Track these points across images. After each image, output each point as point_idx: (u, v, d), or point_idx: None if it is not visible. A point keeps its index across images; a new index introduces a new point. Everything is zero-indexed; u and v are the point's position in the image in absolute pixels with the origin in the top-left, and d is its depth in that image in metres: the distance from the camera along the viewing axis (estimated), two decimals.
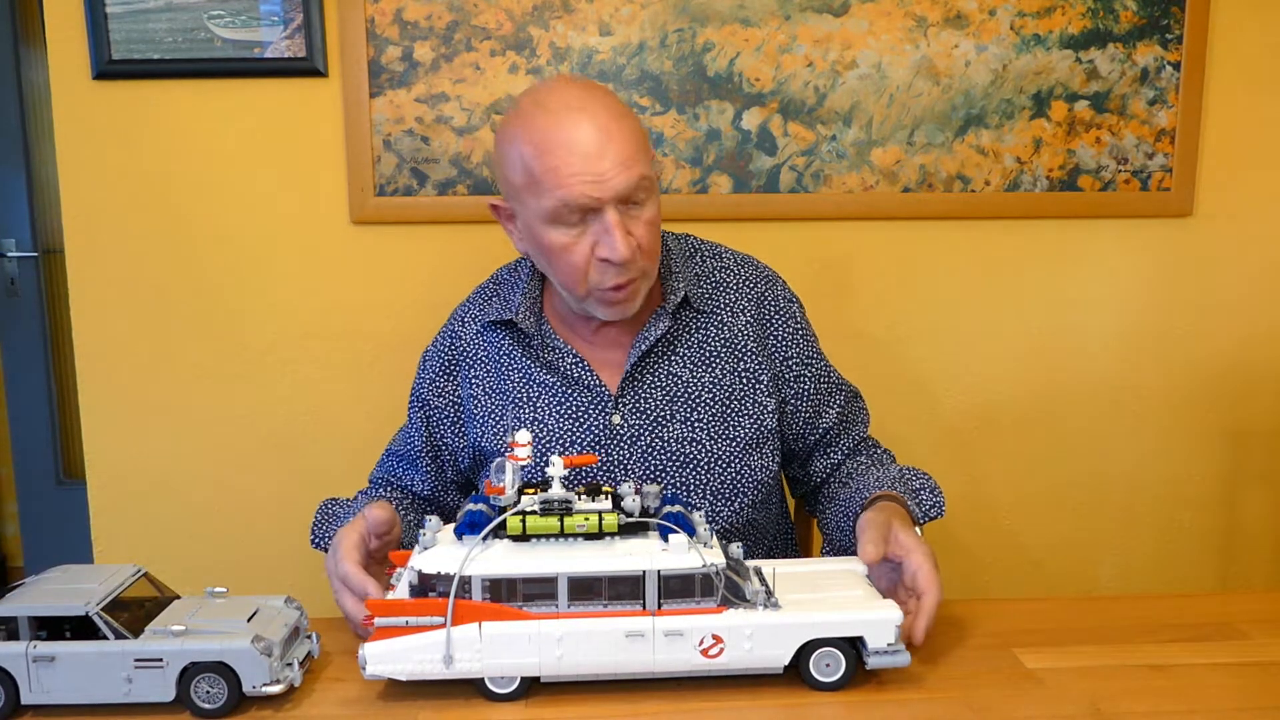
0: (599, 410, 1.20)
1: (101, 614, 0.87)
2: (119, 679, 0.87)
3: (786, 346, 1.26)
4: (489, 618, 0.88)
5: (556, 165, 1.08)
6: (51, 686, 0.87)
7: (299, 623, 0.94)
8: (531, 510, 0.89)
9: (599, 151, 1.07)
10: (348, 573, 1.00)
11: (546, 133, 1.09)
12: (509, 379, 1.23)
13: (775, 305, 1.27)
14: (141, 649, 0.87)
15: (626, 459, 1.20)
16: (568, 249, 1.12)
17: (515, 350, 1.24)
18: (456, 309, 1.32)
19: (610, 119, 1.09)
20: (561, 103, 1.10)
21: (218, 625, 0.89)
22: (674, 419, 1.20)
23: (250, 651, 0.87)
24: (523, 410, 1.22)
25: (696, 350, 1.22)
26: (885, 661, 0.90)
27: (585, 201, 1.08)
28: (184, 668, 0.87)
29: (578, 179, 1.08)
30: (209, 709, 0.87)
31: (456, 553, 0.89)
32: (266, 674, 0.87)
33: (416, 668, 0.88)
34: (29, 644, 0.87)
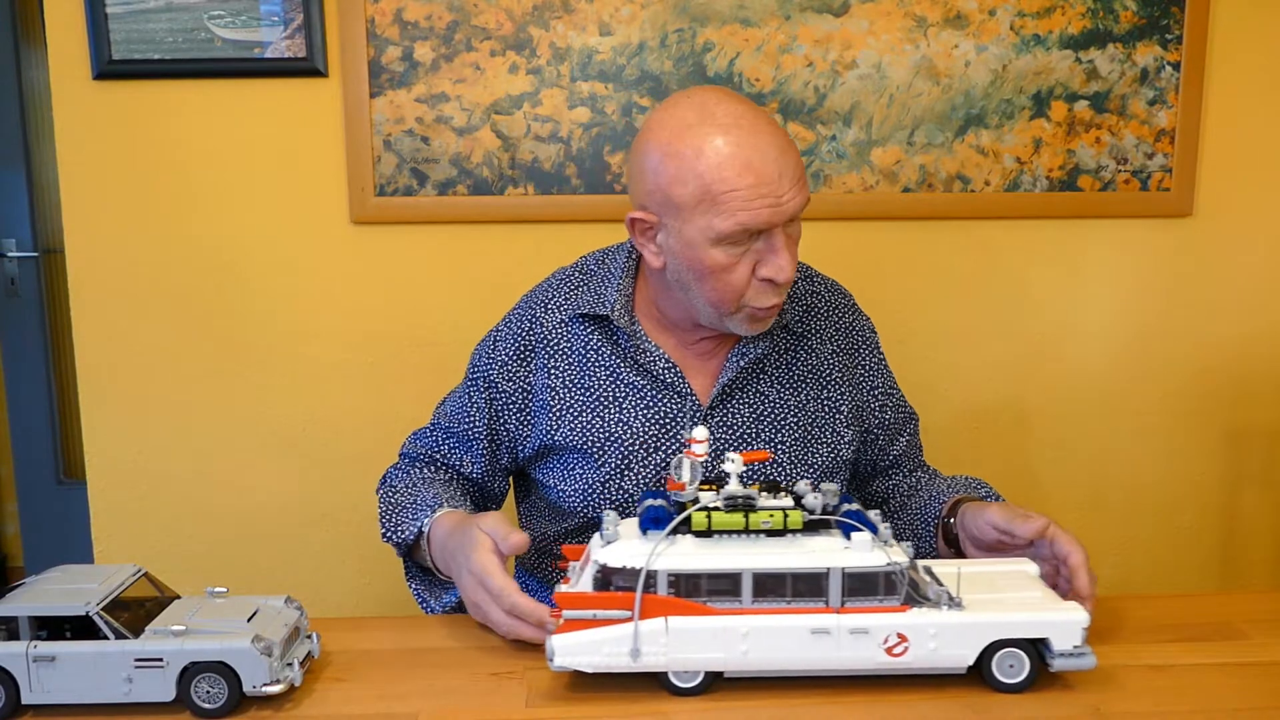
0: (689, 419, 1.18)
1: (102, 614, 0.87)
2: (119, 679, 0.87)
3: (872, 377, 1.27)
4: (675, 612, 0.88)
5: (739, 187, 1.03)
6: (52, 686, 0.87)
7: (299, 623, 0.94)
8: (715, 506, 0.89)
9: (779, 173, 1.04)
10: (517, 604, 0.98)
11: (726, 152, 1.04)
12: (593, 375, 1.20)
13: (861, 335, 1.28)
14: (142, 649, 0.87)
15: (707, 472, 1.18)
16: (729, 269, 1.08)
17: (604, 346, 1.20)
18: (534, 293, 1.27)
19: (781, 138, 1.07)
20: (733, 120, 1.05)
21: (218, 625, 0.89)
22: (758, 439, 1.19)
23: (250, 651, 0.87)
24: (607, 409, 1.19)
25: (785, 372, 1.21)
26: (1070, 664, 0.89)
27: (763, 225, 1.05)
28: (184, 668, 0.87)
29: (761, 202, 1.04)
30: (209, 709, 0.87)
31: (641, 547, 0.89)
32: (267, 674, 0.87)
33: (603, 660, 0.88)
34: (29, 644, 0.87)
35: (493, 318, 1.73)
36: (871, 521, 0.90)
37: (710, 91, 1.10)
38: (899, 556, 0.89)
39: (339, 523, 1.78)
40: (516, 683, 0.94)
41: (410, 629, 1.07)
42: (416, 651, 1.01)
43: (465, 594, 1.03)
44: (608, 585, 0.89)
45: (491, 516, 1.04)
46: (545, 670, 0.96)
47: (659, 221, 1.10)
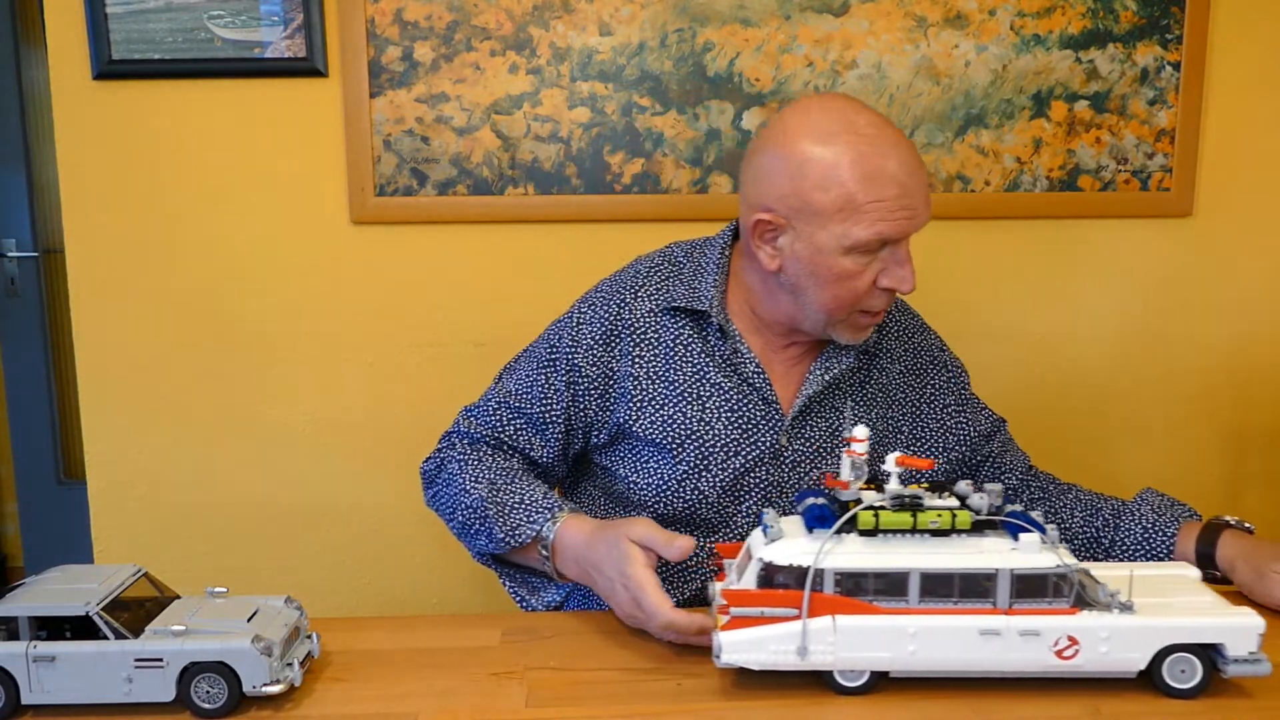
0: (770, 426, 1.18)
1: (101, 614, 0.87)
2: (119, 679, 0.87)
3: (943, 395, 1.28)
4: (842, 611, 0.88)
5: (884, 198, 1.06)
6: (52, 686, 0.87)
7: (299, 623, 0.94)
8: (881, 505, 0.89)
9: (917, 186, 1.07)
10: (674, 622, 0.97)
11: (872, 161, 1.06)
12: (679, 369, 1.19)
13: (929, 354, 1.29)
14: (141, 649, 0.87)
15: (785, 482, 1.19)
16: (855, 276, 1.10)
17: (694, 342, 1.19)
18: (620, 279, 1.25)
19: (915, 152, 1.09)
20: (876, 131, 1.07)
21: (218, 625, 0.89)
22: (832, 453, 1.20)
23: (250, 651, 0.87)
24: (690, 406, 1.18)
25: (858, 390, 1.22)
26: (1245, 670, 0.88)
27: (898, 235, 1.08)
28: (184, 668, 0.87)
29: (902, 213, 1.06)
30: (209, 709, 0.87)
31: (807, 545, 0.89)
32: (266, 674, 0.87)
33: (770, 658, 0.89)
34: (29, 644, 0.87)
35: (493, 317, 1.75)
36: (1039, 523, 0.89)
37: (843, 100, 1.12)
38: (1068, 558, 0.88)
39: (339, 523, 1.78)
40: (516, 683, 0.94)
41: (410, 629, 1.07)
42: (416, 651, 1.01)
43: (619, 606, 1.02)
44: (771, 582, 0.89)
45: (639, 525, 1.02)
46: (545, 670, 0.96)
47: (786, 225, 1.10)
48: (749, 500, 1.19)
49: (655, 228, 1.72)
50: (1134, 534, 1.21)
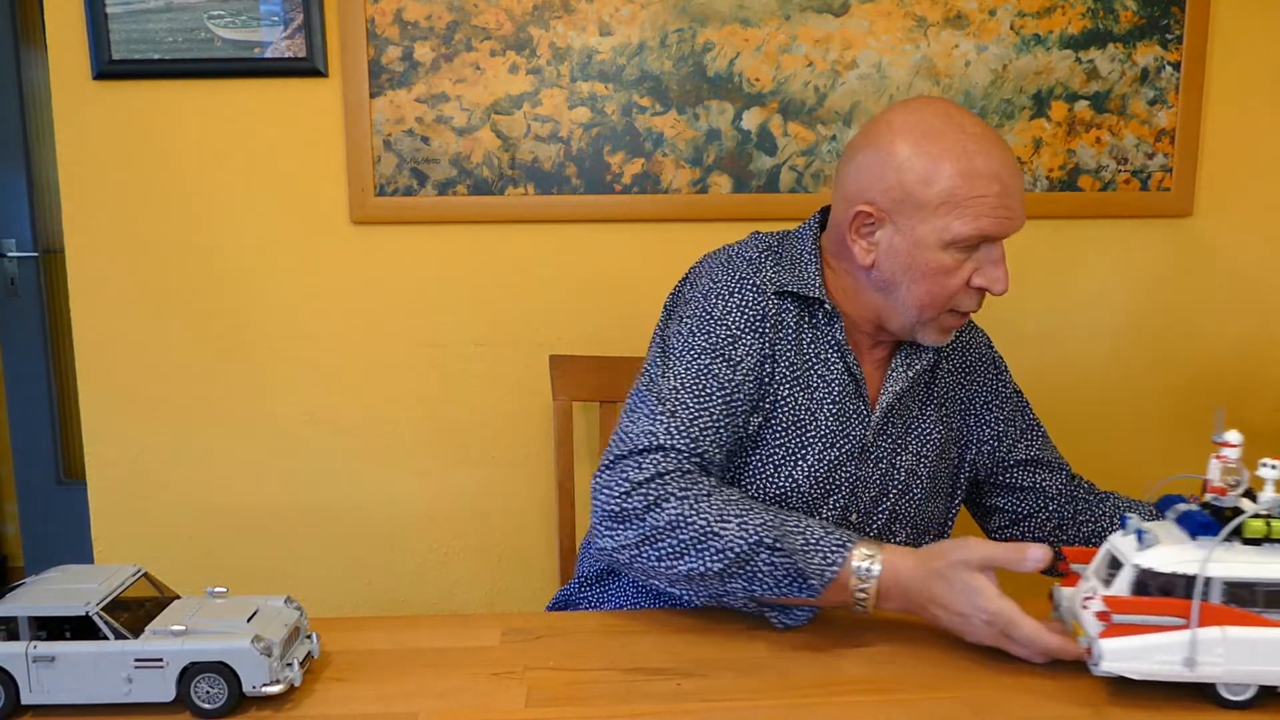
0: (860, 422, 1.19)
1: (101, 614, 0.87)
2: (119, 679, 0.87)
3: (985, 393, 1.30)
4: (1231, 622, 0.86)
5: (987, 194, 1.08)
6: (51, 686, 0.87)
7: (299, 623, 0.94)
8: (1268, 514, 0.88)
9: (1017, 187, 1.10)
10: (1050, 648, 0.95)
11: (977, 159, 1.08)
12: (800, 354, 1.18)
13: (977, 352, 1.31)
14: (141, 649, 0.87)
15: (869, 477, 1.20)
16: (950, 273, 1.11)
17: (805, 328, 1.19)
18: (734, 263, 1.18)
19: (1013, 155, 1.12)
20: (981, 131, 1.10)
21: (218, 625, 0.89)
22: (907, 449, 1.22)
23: (250, 651, 0.87)
24: (799, 391, 1.17)
25: (925, 389, 1.24)
26: None
27: (997, 233, 1.10)
28: (184, 668, 0.87)
29: (1001, 211, 1.09)
30: (209, 709, 0.87)
31: (1189, 553, 0.87)
32: (266, 674, 0.87)
33: (1154, 668, 0.87)
34: (29, 644, 0.87)
35: (493, 317, 1.75)
36: None
37: (946, 102, 1.14)
38: None
39: (339, 523, 1.78)
40: (516, 683, 0.94)
41: (410, 629, 1.07)
42: (416, 651, 1.01)
43: (980, 638, 0.99)
44: (1146, 590, 0.87)
45: (973, 548, 0.99)
46: (545, 670, 0.96)
47: (885, 218, 1.12)
48: (837, 494, 1.19)
49: (655, 228, 1.72)
50: None
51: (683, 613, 1.15)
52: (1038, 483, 1.31)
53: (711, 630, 1.05)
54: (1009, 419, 1.31)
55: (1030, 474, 1.31)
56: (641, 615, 1.15)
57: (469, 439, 1.78)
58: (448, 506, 1.79)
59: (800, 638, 1.03)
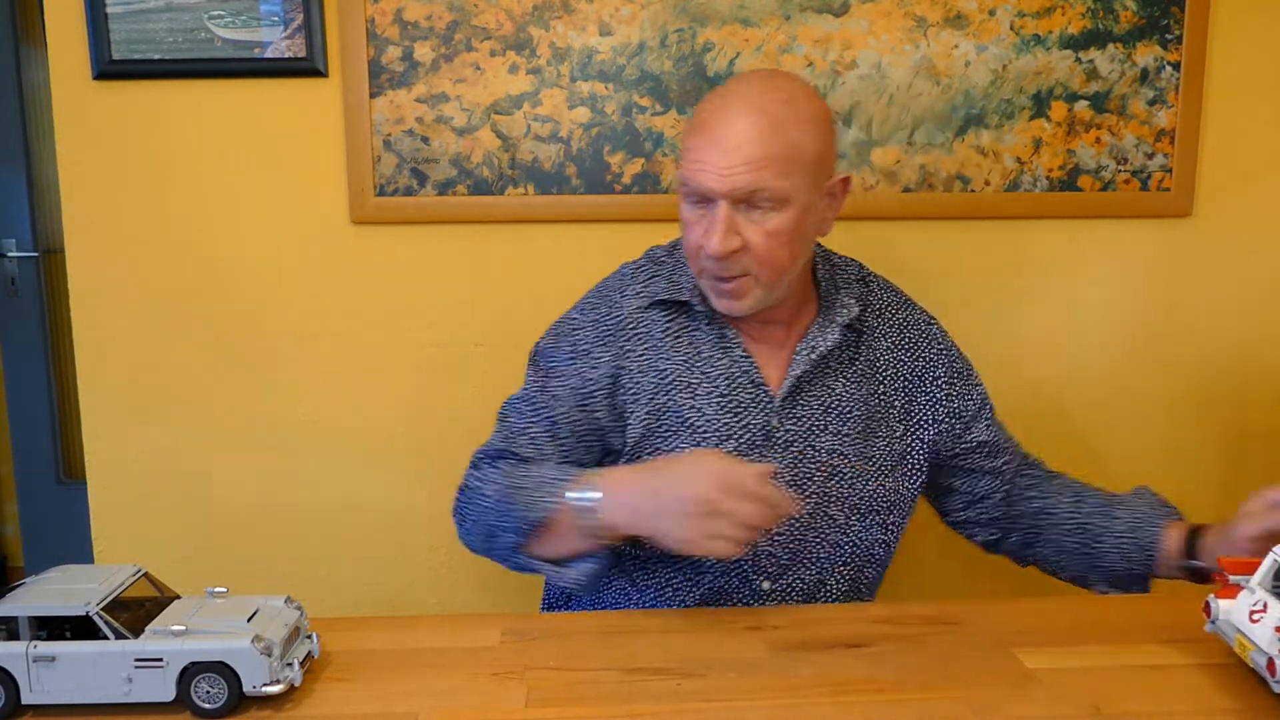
0: (760, 409, 1.21)
1: (102, 614, 0.87)
2: (119, 679, 0.87)
3: (933, 368, 1.30)
4: None
5: (690, 146, 1.13)
6: (51, 686, 0.87)
7: (299, 623, 0.94)
8: None
9: (729, 147, 1.10)
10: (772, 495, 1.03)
11: (703, 112, 1.14)
12: (672, 359, 1.22)
13: (918, 329, 1.31)
14: (142, 649, 0.87)
15: (779, 461, 1.20)
16: (689, 225, 1.17)
17: (681, 333, 1.23)
18: (604, 285, 1.29)
19: (761, 121, 1.10)
20: (735, 88, 1.14)
21: (218, 625, 0.89)
22: (826, 430, 1.21)
23: (250, 651, 0.87)
24: (679, 394, 1.20)
25: (847, 367, 1.25)
26: None
27: (699, 187, 1.12)
28: (184, 668, 0.87)
29: (699, 165, 1.12)
30: (209, 709, 0.87)
31: None
32: (267, 674, 0.87)
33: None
34: (29, 644, 0.87)
35: (492, 317, 1.75)
36: None
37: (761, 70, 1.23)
38: None
39: (339, 523, 1.78)
40: (516, 683, 0.94)
41: (410, 629, 1.07)
42: (416, 651, 1.01)
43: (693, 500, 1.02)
44: None
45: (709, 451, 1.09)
46: (545, 670, 0.96)
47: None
48: None
49: (655, 228, 1.72)
50: (1124, 521, 1.25)
51: (683, 613, 1.15)
52: (996, 465, 1.32)
53: (711, 630, 1.05)
54: (963, 397, 1.31)
55: (988, 456, 1.32)
56: (641, 615, 1.16)
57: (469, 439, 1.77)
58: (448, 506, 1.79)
59: (800, 638, 1.03)
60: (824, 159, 1.16)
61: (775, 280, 1.17)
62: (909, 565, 1.87)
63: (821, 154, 1.15)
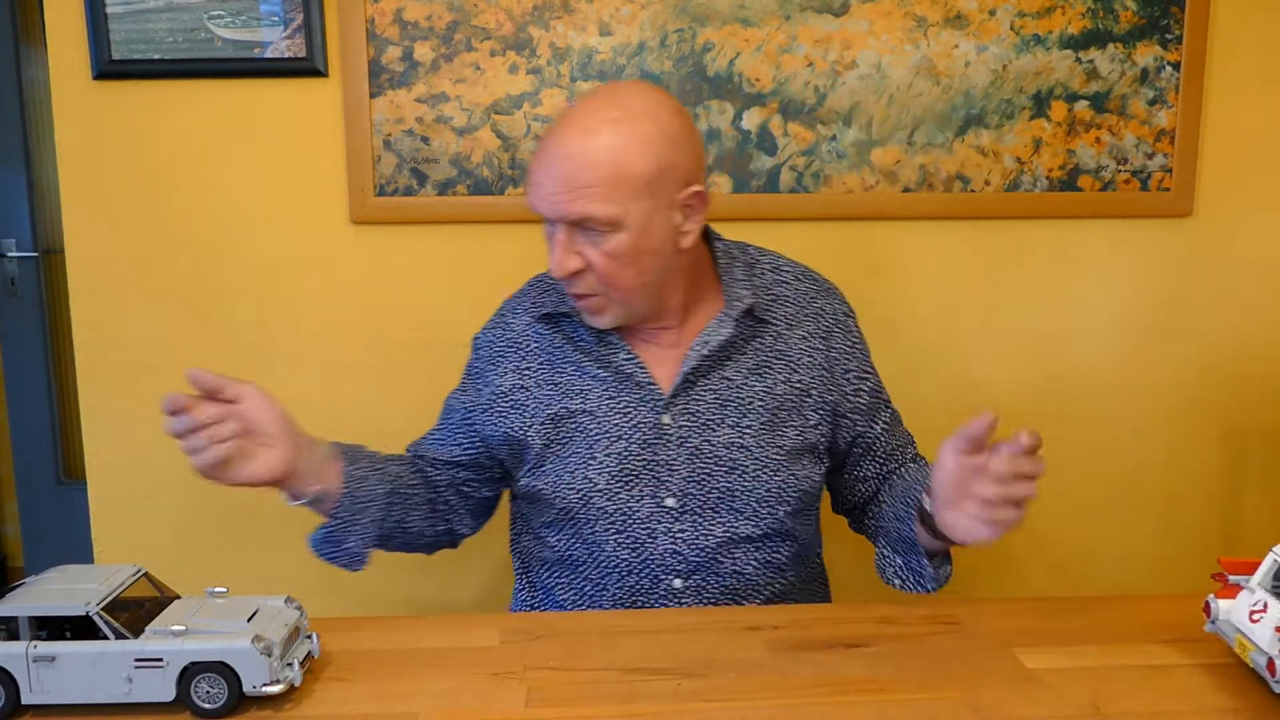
0: (649, 408, 1.21)
1: (102, 614, 0.87)
2: (119, 679, 0.87)
3: (845, 359, 1.29)
4: None
5: (532, 169, 1.15)
6: (51, 686, 0.87)
7: (299, 623, 0.94)
8: None
9: (560, 174, 1.11)
10: None
11: (546, 135, 1.14)
12: (562, 371, 1.25)
13: (834, 318, 1.30)
14: (141, 649, 0.87)
15: (672, 459, 1.21)
16: (547, 242, 1.17)
17: (569, 344, 1.25)
18: (508, 300, 1.35)
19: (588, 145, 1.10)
20: (573, 110, 1.14)
21: (218, 625, 0.89)
22: (724, 424, 1.21)
23: (250, 651, 0.87)
24: (573, 401, 1.23)
25: (751, 358, 1.24)
26: None
27: (535, 208, 1.15)
28: (184, 667, 0.87)
29: (535, 190, 1.14)
30: (209, 709, 0.87)
31: None
32: (267, 674, 0.87)
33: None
34: (29, 644, 0.87)
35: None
36: None
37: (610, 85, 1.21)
38: None
39: None
40: (516, 683, 0.94)
41: (410, 629, 1.07)
42: (416, 651, 1.01)
43: None
44: None
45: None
46: (545, 670, 0.96)
47: None
48: (638, 482, 1.21)
49: None
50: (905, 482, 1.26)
51: (683, 612, 1.15)
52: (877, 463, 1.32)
53: (711, 630, 1.05)
54: (871, 393, 1.31)
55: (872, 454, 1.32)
56: (642, 615, 1.16)
57: None
58: None
59: (800, 638, 1.03)
60: (664, 176, 1.11)
61: (627, 298, 1.16)
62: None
63: (659, 172, 1.11)
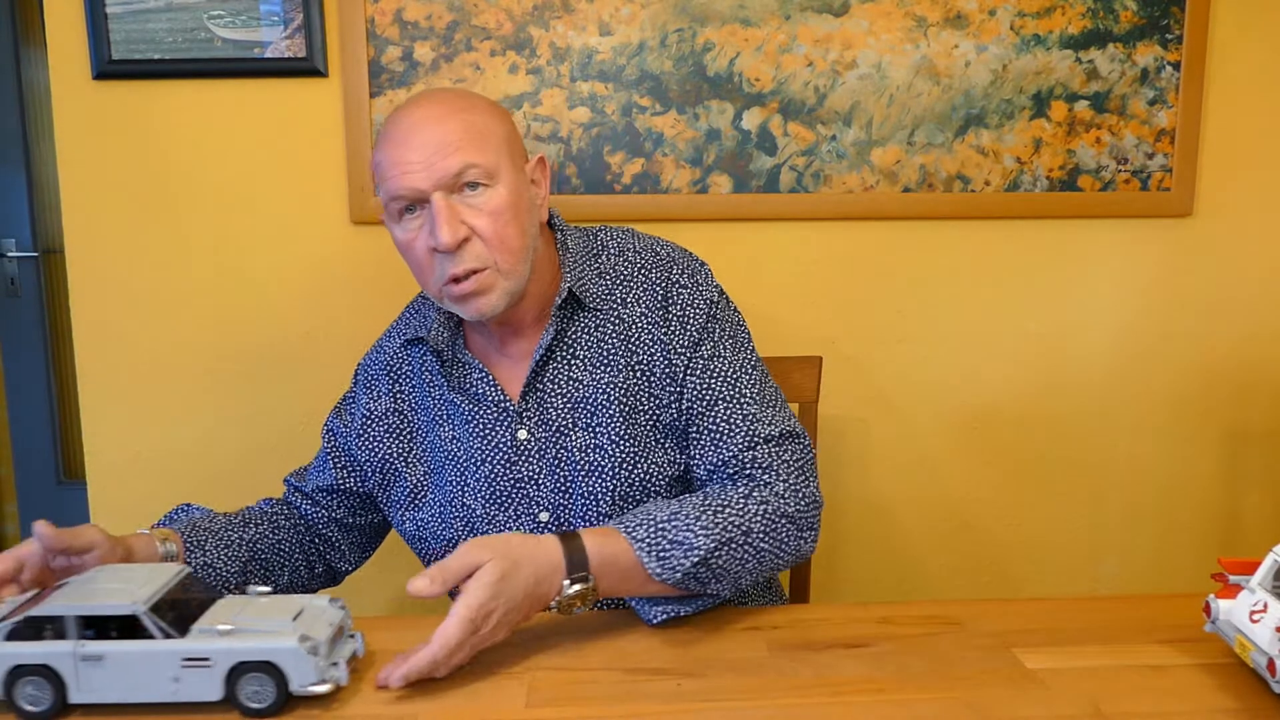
0: (505, 425, 1.18)
1: (150, 614, 0.87)
2: (166, 678, 0.86)
3: (677, 331, 1.17)
4: None
5: (382, 160, 1.11)
6: (99, 686, 0.87)
7: (343, 622, 0.94)
8: None
9: (421, 141, 1.09)
10: None
11: (383, 133, 1.13)
12: (430, 395, 1.23)
13: (670, 289, 1.19)
14: (189, 648, 0.86)
15: (536, 473, 1.18)
16: (409, 246, 1.14)
17: (434, 367, 1.22)
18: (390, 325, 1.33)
19: (440, 112, 1.11)
20: (406, 105, 1.13)
21: (264, 624, 0.88)
22: (576, 426, 1.17)
23: (298, 651, 0.86)
24: (441, 429, 1.21)
25: (594, 351, 1.18)
26: None
27: (407, 192, 1.10)
28: (231, 667, 0.86)
29: (397, 168, 1.09)
30: (256, 708, 0.87)
31: None
32: (314, 673, 0.87)
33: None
34: (77, 643, 0.87)
35: None
36: None
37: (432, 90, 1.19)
38: None
39: None
40: (516, 683, 0.94)
41: (413, 629, 1.07)
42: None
43: None
44: None
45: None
46: (545, 670, 0.96)
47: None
48: (512, 501, 1.18)
49: (655, 228, 1.72)
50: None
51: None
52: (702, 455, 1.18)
53: (711, 630, 1.05)
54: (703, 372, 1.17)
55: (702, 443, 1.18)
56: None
57: None
58: None
59: (800, 638, 1.03)
60: (514, 140, 1.16)
61: (514, 265, 1.12)
62: (909, 565, 1.87)
63: (510, 135, 1.15)
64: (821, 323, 1.76)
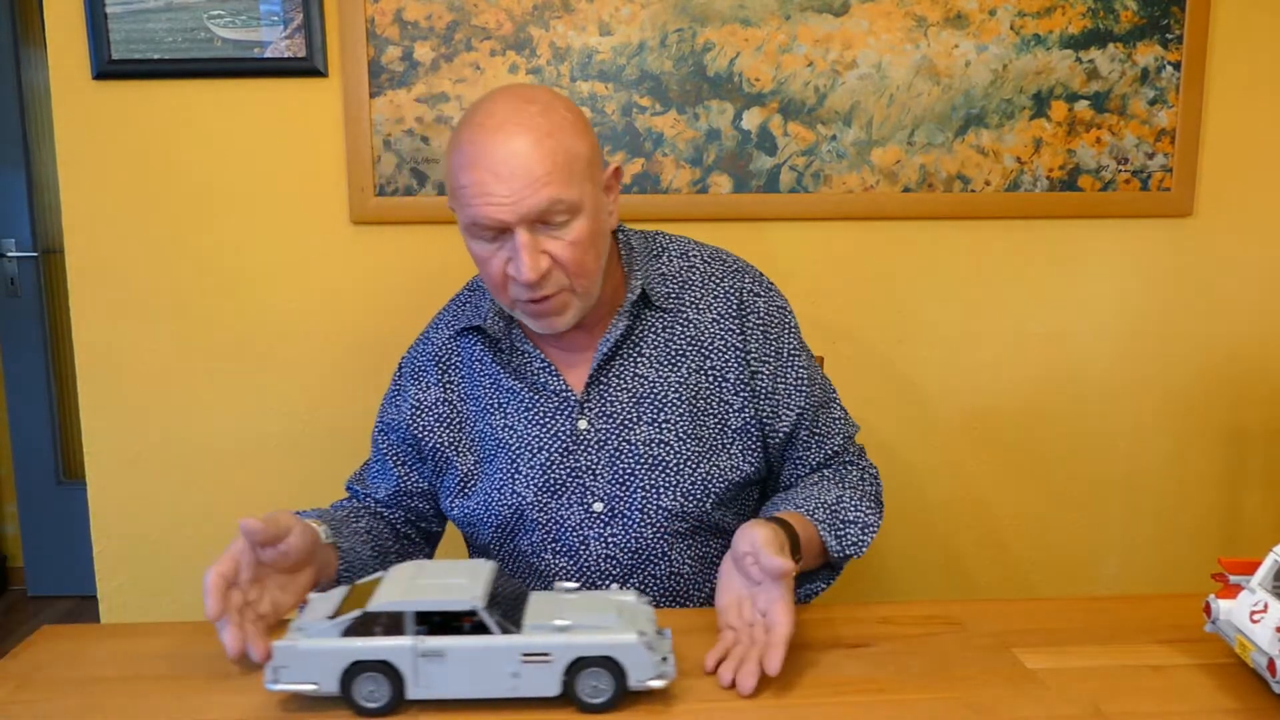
0: (565, 415, 1.19)
1: (487, 610, 0.86)
2: (505, 674, 0.85)
3: (757, 339, 1.22)
4: None
5: (466, 184, 1.09)
6: (438, 681, 0.86)
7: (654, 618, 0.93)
8: None
9: (509, 172, 1.07)
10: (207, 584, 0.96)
11: (466, 149, 1.09)
12: (481, 385, 1.23)
13: (740, 297, 1.23)
14: (529, 643, 0.85)
15: (594, 464, 1.19)
16: (486, 261, 1.13)
17: (486, 356, 1.23)
18: (432, 320, 1.33)
19: (530, 139, 1.08)
20: (488, 117, 1.09)
21: (596, 620, 0.87)
22: (640, 421, 1.19)
23: (637, 646, 0.85)
24: (494, 416, 1.21)
25: (662, 349, 1.20)
26: None
27: (490, 223, 1.09)
28: (570, 662, 0.85)
29: (484, 200, 1.08)
30: (595, 704, 0.86)
31: None
32: (651, 668, 0.86)
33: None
34: (417, 639, 0.86)
35: None
36: None
37: (496, 93, 1.13)
38: None
39: None
40: None
41: None
42: None
43: None
44: None
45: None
46: None
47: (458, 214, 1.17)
48: (565, 490, 1.19)
49: (655, 228, 1.72)
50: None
51: (683, 612, 1.15)
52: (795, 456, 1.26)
53: (712, 630, 1.05)
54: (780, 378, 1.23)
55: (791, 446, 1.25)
56: None
57: None
58: None
59: (800, 638, 1.03)
60: (595, 156, 1.14)
61: (589, 287, 1.15)
62: (909, 565, 1.87)
63: (592, 152, 1.13)
64: (819, 322, 1.76)
